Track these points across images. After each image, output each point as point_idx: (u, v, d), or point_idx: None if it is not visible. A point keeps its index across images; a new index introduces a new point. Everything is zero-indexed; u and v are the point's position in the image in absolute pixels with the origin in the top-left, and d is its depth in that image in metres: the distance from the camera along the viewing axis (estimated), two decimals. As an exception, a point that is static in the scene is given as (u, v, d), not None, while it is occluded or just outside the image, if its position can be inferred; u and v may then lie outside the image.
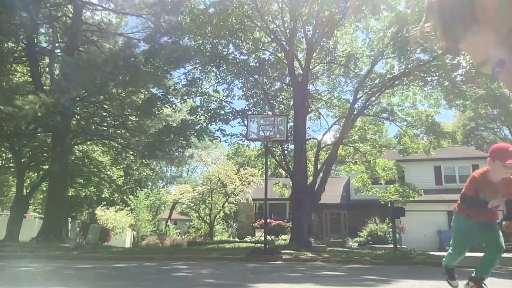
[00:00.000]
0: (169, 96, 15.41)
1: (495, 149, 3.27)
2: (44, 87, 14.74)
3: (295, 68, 14.69)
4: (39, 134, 16.95)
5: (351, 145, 16.72)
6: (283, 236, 19.22)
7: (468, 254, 3.41)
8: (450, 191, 20.59)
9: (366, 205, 20.08)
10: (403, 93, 16.03)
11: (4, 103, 11.88)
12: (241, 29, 14.70)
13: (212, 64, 15.27)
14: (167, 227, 26.87)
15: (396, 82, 14.74)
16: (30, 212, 22.62)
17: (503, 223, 3.42)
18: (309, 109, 15.98)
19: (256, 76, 15.75)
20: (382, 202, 16.98)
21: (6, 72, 15.04)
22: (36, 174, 19.75)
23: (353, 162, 17.32)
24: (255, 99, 16.41)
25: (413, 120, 15.73)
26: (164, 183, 40.03)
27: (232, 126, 63.00)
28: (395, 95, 16.31)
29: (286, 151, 15.94)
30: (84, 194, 22.68)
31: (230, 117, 15.21)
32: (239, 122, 15.86)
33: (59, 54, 15.91)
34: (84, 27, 16.37)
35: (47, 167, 17.22)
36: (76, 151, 19.43)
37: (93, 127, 17.50)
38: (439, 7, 0.61)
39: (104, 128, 18.06)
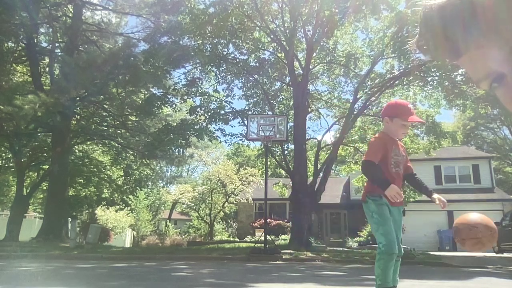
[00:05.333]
0: (169, 96, 15.42)
1: (394, 105, 2.84)
2: (44, 87, 14.74)
3: (295, 68, 14.68)
4: (39, 134, 16.95)
5: (351, 145, 16.71)
6: (283, 236, 19.21)
7: (469, 254, 3.16)
8: (450, 191, 20.59)
9: (366, 205, 20.01)
10: (403, 93, 16.02)
11: (4, 103, 11.88)
12: (241, 29, 14.70)
13: (212, 64, 15.26)
14: (167, 227, 26.86)
15: (396, 82, 14.74)
16: (30, 212, 22.61)
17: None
18: (309, 109, 15.97)
19: (256, 76, 15.75)
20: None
21: (6, 72, 15.03)
22: (36, 174, 19.76)
23: (353, 162, 17.33)
24: (255, 99, 16.41)
25: (413, 120, 15.70)
26: (164, 183, 40.05)
27: (232, 126, 62.91)
28: (395, 95, 16.29)
29: (286, 151, 15.93)
30: (84, 194, 22.68)
31: (230, 117, 15.21)
32: (239, 122, 15.89)
33: (59, 54, 15.91)
34: (84, 27, 16.36)
35: (47, 167, 17.23)
36: (76, 151, 19.43)
37: (93, 127, 17.49)
38: (439, 10, 0.60)
39: (104, 128, 18.05)
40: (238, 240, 19.14)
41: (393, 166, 2.69)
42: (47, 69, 15.88)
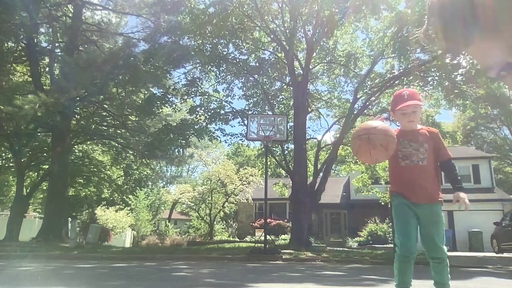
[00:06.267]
0: (169, 96, 15.41)
1: (393, 98, 2.84)
2: (44, 87, 14.74)
3: (295, 68, 14.68)
4: (39, 134, 16.95)
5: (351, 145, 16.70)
6: (283, 236, 19.22)
7: (469, 254, 2.96)
8: (450, 191, 20.51)
9: (366, 205, 20.08)
10: (403, 93, 16.01)
11: (4, 103, 11.88)
12: (241, 29, 14.69)
13: (212, 64, 15.26)
14: (167, 227, 26.87)
15: (396, 82, 14.73)
16: (30, 212, 22.61)
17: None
18: (309, 109, 15.97)
19: (256, 76, 15.75)
20: (383, 203, 16.97)
21: (6, 71, 15.03)
22: (36, 174, 19.76)
23: (353, 162, 17.32)
24: (255, 99, 16.41)
25: (413, 120, 15.69)
26: (164, 183, 40.05)
27: (232, 126, 63.03)
28: (395, 95, 16.28)
29: (286, 151, 15.93)
30: (84, 194, 22.68)
31: (230, 117, 15.22)
32: (239, 122, 15.89)
33: (59, 54, 15.91)
34: (84, 27, 16.36)
35: (47, 167, 17.22)
36: (76, 151, 19.43)
37: (93, 127, 17.49)
38: (439, 8, 0.60)
39: (104, 128, 18.05)
40: (238, 240, 19.15)
41: (401, 159, 2.64)
42: (47, 69, 15.87)
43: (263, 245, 9.68)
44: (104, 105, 16.94)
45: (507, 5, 0.54)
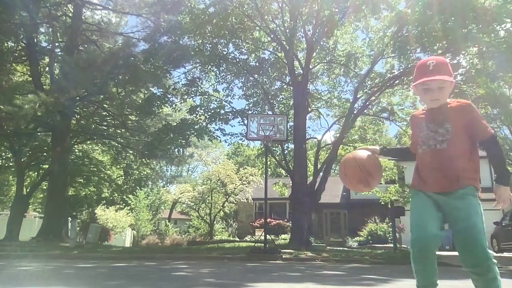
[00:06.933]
0: (168, 96, 15.42)
1: (415, 68, 2.22)
2: (44, 87, 14.74)
3: (295, 68, 14.68)
4: (39, 134, 16.95)
5: (351, 144, 16.71)
6: (283, 236, 19.23)
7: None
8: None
9: (366, 204, 20.09)
10: (403, 92, 16.01)
11: (4, 103, 11.88)
12: (241, 28, 14.70)
13: (212, 64, 15.27)
14: (166, 227, 26.90)
15: (396, 82, 14.73)
16: (30, 211, 22.63)
17: None
18: (309, 109, 15.97)
19: (256, 75, 15.75)
20: (382, 203, 16.97)
21: (6, 71, 15.03)
22: (36, 173, 19.77)
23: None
24: (255, 98, 16.42)
25: (413, 119, 15.68)
26: (164, 183, 40.09)
27: (232, 126, 62.85)
28: (395, 95, 16.29)
29: (286, 151, 15.93)
30: (84, 193, 22.70)
31: (230, 117, 15.23)
32: (239, 122, 15.90)
33: (59, 53, 15.91)
34: (84, 27, 16.36)
35: (47, 166, 17.23)
36: (76, 151, 19.43)
37: (93, 126, 17.49)
38: None
39: (104, 127, 18.05)
40: (238, 239, 19.17)
41: (419, 145, 2.19)
42: (47, 68, 15.87)
43: (263, 244, 9.68)
44: (104, 105, 16.94)
45: None
